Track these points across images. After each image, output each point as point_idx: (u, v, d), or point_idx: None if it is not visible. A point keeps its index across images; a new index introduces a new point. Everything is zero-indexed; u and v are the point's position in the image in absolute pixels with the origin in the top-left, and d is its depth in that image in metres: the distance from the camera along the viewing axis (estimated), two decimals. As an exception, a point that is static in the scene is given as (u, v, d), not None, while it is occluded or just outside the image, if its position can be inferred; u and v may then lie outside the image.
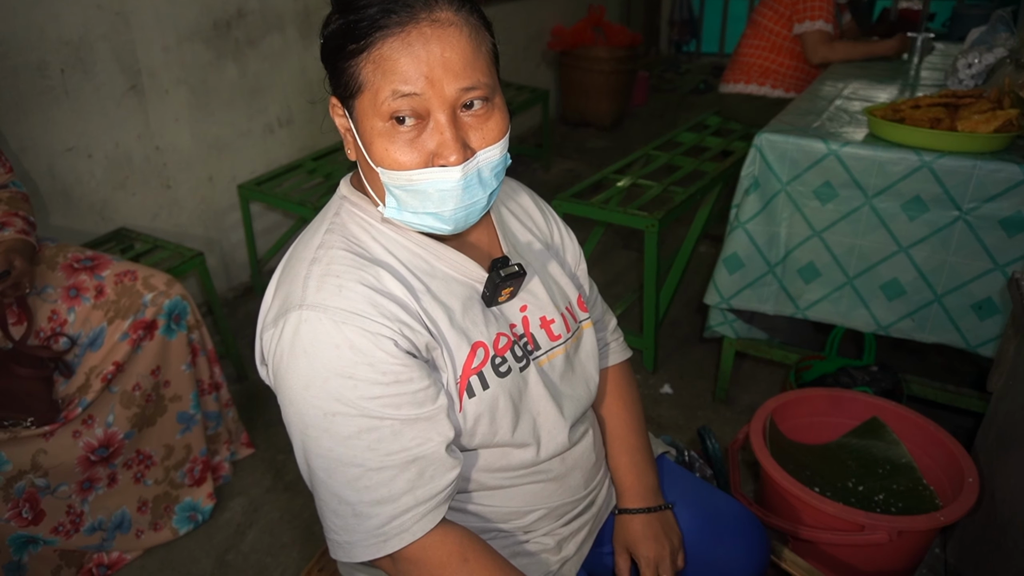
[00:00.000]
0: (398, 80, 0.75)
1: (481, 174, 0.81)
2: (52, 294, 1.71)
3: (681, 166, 2.74)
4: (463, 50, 0.76)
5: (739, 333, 2.18)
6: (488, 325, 0.90)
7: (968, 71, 2.25)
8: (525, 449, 0.93)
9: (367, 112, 0.79)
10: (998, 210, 1.67)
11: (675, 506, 1.13)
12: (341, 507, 0.81)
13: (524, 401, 0.92)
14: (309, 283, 0.81)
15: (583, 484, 1.03)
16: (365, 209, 0.89)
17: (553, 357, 0.98)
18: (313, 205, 2.55)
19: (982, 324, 1.78)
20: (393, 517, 0.80)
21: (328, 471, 0.81)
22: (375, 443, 0.79)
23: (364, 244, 0.86)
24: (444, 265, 0.90)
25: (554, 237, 1.09)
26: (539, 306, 0.98)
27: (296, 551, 1.83)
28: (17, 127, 2.11)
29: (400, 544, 0.81)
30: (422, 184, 0.79)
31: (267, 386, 0.91)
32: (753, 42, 3.12)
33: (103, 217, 2.41)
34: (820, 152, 1.81)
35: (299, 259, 0.86)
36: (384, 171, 0.80)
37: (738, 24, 3.70)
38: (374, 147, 0.80)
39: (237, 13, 2.70)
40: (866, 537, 1.41)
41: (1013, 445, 1.42)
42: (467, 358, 0.87)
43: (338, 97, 0.83)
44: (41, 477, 1.59)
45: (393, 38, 0.75)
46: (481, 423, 0.88)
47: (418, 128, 0.78)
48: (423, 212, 0.82)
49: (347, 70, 0.78)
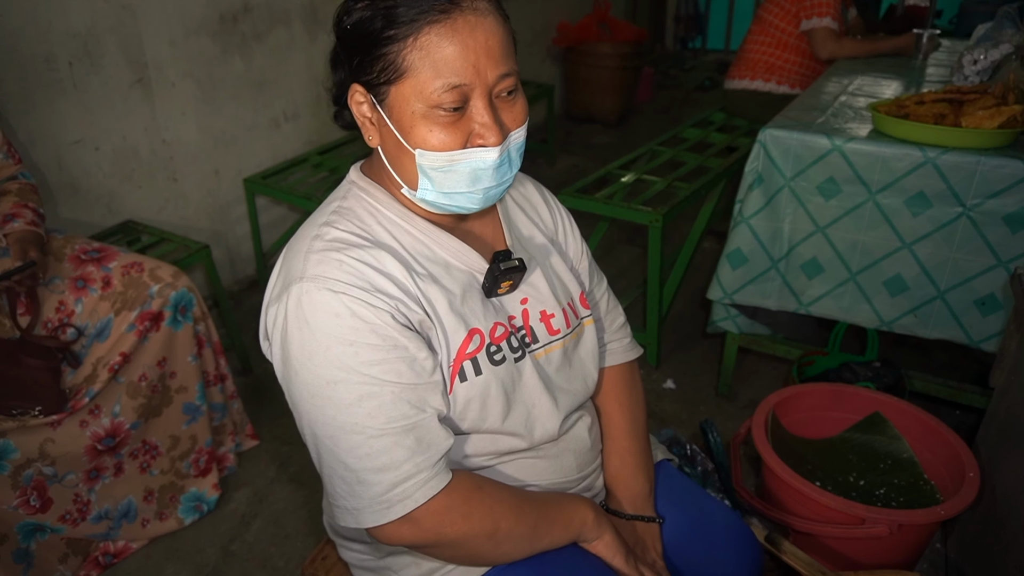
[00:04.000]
0: (448, 71, 0.78)
1: (511, 154, 0.86)
2: (60, 285, 1.72)
3: (685, 162, 2.75)
4: (501, 38, 0.81)
5: (742, 328, 2.19)
6: (486, 314, 0.92)
7: (973, 67, 2.25)
8: (515, 438, 0.95)
9: (407, 97, 0.80)
10: (1002, 206, 1.67)
11: (668, 513, 1.11)
12: (347, 473, 0.83)
13: (518, 391, 0.94)
14: (311, 257, 0.84)
15: (575, 468, 1.03)
16: (374, 195, 0.92)
17: (551, 351, 0.99)
18: (318, 199, 2.56)
19: (984, 320, 1.78)
20: (395, 484, 0.82)
21: (332, 439, 0.83)
22: (375, 410, 0.81)
23: (369, 227, 0.89)
24: (446, 253, 0.92)
25: (558, 231, 1.10)
26: (540, 300, 0.99)
27: (300, 541, 1.84)
28: (26, 119, 2.13)
29: (404, 510, 0.82)
30: (461, 164, 0.83)
31: (272, 378, 0.92)
32: (759, 38, 3.11)
33: (110, 209, 2.43)
34: (824, 148, 1.81)
35: (303, 236, 0.88)
36: (424, 153, 0.82)
37: (744, 20, 3.70)
38: (416, 130, 0.81)
39: (243, 7, 2.71)
40: (866, 530, 1.42)
41: (1014, 441, 1.43)
42: (463, 342, 0.89)
43: (364, 84, 0.84)
44: (49, 466, 1.61)
45: (440, 25, 0.77)
46: (471, 407, 0.89)
47: (459, 112, 0.81)
48: (456, 192, 0.85)
49: (386, 56, 0.79)
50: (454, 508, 0.85)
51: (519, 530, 0.90)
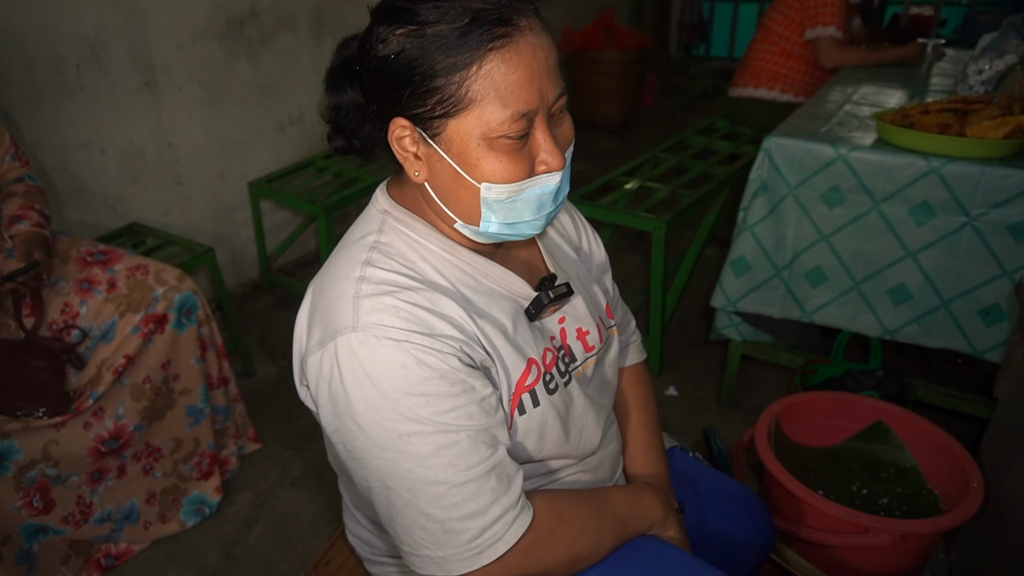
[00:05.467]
0: (517, 100, 0.74)
1: (566, 174, 0.83)
2: (65, 287, 1.73)
3: (690, 169, 2.75)
4: (556, 57, 0.77)
5: (745, 336, 2.18)
6: (536, 342, 0.90)
7: (978, 77, 2.25)
8: (566, 459, 0.95)
9: (471, 131, 0.75)
10: (1006, 216, 1.67)
11: (686, 492, 1.15)
12: (430, 524, 0.79)
13: (571, 416, 0.92)
14: (361, 303, 0.78)
15: (610, 474, 1.05)
16: (413, 227, 0.86)
17: (586, 368, 0.98)
18: (323, 203, 2.57)
19: (989, 330, 1.78)
20: (484, 529, 0.79)
21: (412, 491, 0.78)
22: (455, 458, 0.77)
23: (414, 264, 0.84)
24: (492, 282, 0.89)
25: (582, 242, 1.09)
26: (577, 318, 0.97)
27: (302, 546, 1.84)
28: (33, 121, 2.14)
29: (496, 554, 0.79)
30: (527, 193, 0.79)
31: (275, 381, 0.92)
32: (763, 46, 3.12)
33: (116, 212, 2.43)
34: (829, 156, 1.82)
35: (342, 277, 0.82)
36: (490, 186, 0.78)
37: (748, 28, 3.71)
38: (483, 164, 0.77)
39: (250, 12, 2.72)
40: (869, 540, 1.42)
41: (1018, 451, 1.42)
42: (522, 375, 0.86)
43: (411, 118, 0.78)
44: (52, 467, 1.61)
45: (503, 50, 0.73)
46: (529, 439, 0.88)
47: (522, 139, 0.77)
48: (520, 221, 0.82)
49: (444, 88, 0.74)
50: (539, 544, 0.83)
51: (598, 554, 0.90)
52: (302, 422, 2.24)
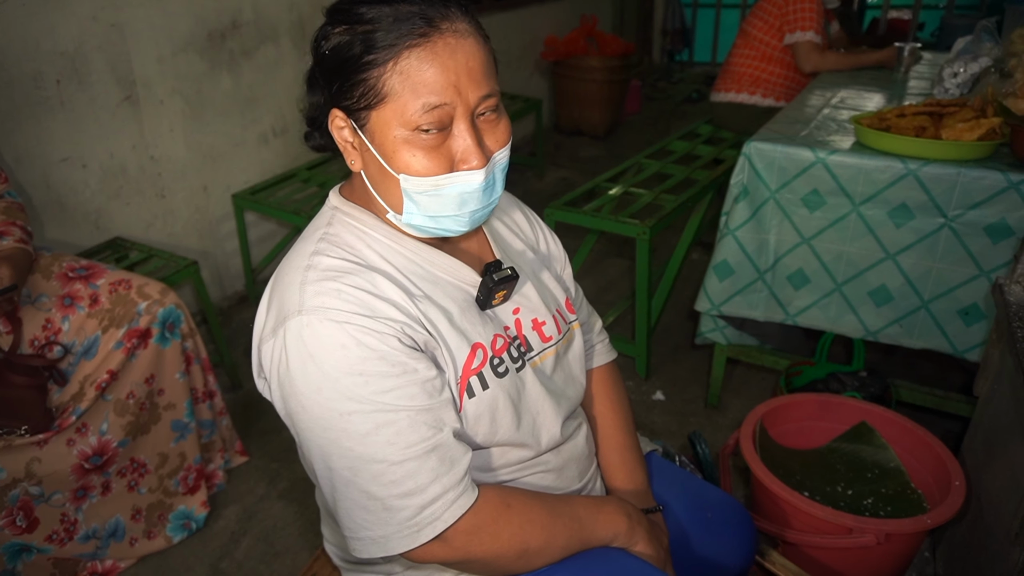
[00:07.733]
0: (428, 92, 0.78)
1: (495, 175, 0.87)
2: (47, 303, 1.72)
3: (673, 174, 2.77)
4: (482, 59, 0.81)
5: (730, 339, 2.20)
6: (485, 327, 0.93)
7: (954, 80, 2.29)
8: (523, 448, 0.96)
9: (389, 122, 0.80)
10: (982, 217, 1.69)
11: (666, 499, 1.15)
12: (371, 503, 0.82)
13: (523, 401, 0.95)
14: (306, 288, 0.82)
15: (577, 476, 1.05)
16: (358, 218, 0.91)
17: (545, 358, 1.00)
18: (307, 214, 2.56)
19: (968, 330, 1.80)
20: (423, 507, 0.81)
21: (353, 470, 0.81)
22: (394, 436, 0.80)
23: (359, 252, 0.88)
24: (438, 270, 0.92)
25: (540, 243, 1.12)
26: (531, 308, 1.00)
27: (290, 559, 1.83)
28: (12, 137, 2.13)
29: (434, 532, 0.82)
30: (447, 188, 0.83)
31: (261, 395, 0.92)
32: (743, 51, 3.15)
33: (98, 227, 2.42)
34: (808, 160, 1.84)
35: (293, 267, 0.86)
36: (408, 178, 0.82)
37: (730, 34, 3.74)
38: (398, 155, 0.81)
39: (231, 24, 2.72)
40: (854, 540, 1.42)
41: (998, 448, 1.44)
42: (467, 358, 0.89)
43: (344, 109, 0.83)
44: (35, 485, 1.60)
45: (419, 48, 0.77)
46: (481, 423, 0.90)
47: (441, 135, 0.81)
48: (442, 216, 0.85)
49: (366, 81, 0.79)
50: (483, 528, 0.85)
51: (550, 550, 0.90)
52: (289, 434, 2.21)
